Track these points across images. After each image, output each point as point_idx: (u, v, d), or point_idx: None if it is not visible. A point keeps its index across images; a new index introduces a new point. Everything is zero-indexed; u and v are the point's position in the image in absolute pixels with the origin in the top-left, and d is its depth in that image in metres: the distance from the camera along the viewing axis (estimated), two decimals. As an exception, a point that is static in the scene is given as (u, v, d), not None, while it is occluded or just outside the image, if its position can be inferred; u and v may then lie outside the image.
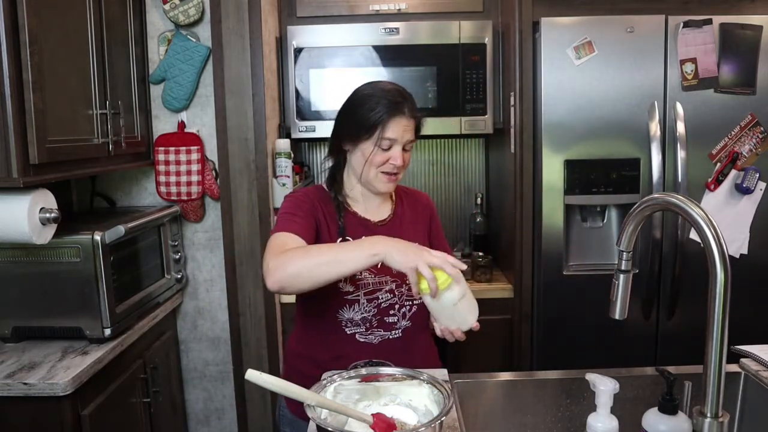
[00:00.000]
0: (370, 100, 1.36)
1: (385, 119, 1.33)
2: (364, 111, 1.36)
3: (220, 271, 2.31)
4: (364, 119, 1.35)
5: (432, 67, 2.31)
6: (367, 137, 1.35)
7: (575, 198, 2.13)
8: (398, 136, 1.35)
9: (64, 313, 1.71)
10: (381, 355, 1.38)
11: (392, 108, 1.34)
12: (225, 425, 2.43)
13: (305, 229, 1.33)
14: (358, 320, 1.37)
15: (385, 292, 1.38)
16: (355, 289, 1.36)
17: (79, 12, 1.72)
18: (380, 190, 1.41)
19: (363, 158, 1.36)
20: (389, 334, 1.39)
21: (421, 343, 1.46)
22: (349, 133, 1.39)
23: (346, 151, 1.43)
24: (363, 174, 1.38)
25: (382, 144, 1.34)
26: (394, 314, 1.39)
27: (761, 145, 2.11)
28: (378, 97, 1.36)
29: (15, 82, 1.42)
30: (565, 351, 2.19)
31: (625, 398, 1.19)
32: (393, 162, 1.36)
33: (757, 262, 2.14)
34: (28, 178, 1.47)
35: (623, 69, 2.07)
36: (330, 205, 1.43)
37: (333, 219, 1.41)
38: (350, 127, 1.39)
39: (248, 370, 0.88)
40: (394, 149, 1.36)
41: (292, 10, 2.39)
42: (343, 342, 1.38)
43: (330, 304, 1.37)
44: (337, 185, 1.45)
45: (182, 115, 2.23)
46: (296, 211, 1.37)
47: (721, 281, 0.87)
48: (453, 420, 1.11)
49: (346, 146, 1.41)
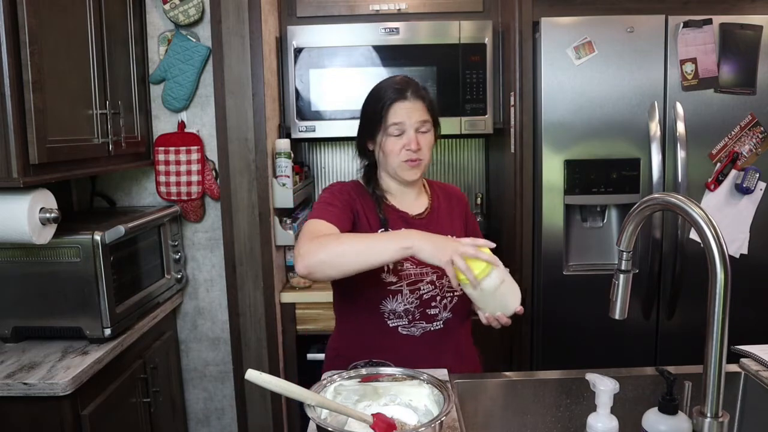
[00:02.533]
0: (375, 95, 1.41)
1: (387, 106, 1.36)
2: (372, 106, 1.40)
3: (220, 271, 2.31)
4: (373, 113, 1.39)
5: (432, 67, 2.31)
6: (379, 129, 1.38)
7: (575, 198, 2.13)
8: (404, 119, 1.36)
9: (64, 313, 1.71)
10: (423, 347, 1.39)
11: (394, 94, 1.37)
12: (225, 425, 2.43)
13: (340, 219, 1.34)
14: (401, 311, 1.38)
15: (426, 283, 1.39)
16: (398, 280, 1.37)
17: (79, 12, 1.72)
18: (407, 178, 1.41)
19: (380, 149, 1.40)
20: (431, 325, 1.40)
21: (462, 335, 1.47)
22: (366, 131, 1.43)
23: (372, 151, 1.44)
24: (389, 166, 1.41)
25: (390, 131, 1.37)
26: (436, 306, 1.40)
27: (761, 145, 2.11)
28: (383, 89, 1.40)
29: (15, 82, 1.42)
30: (565, 351, 2.19)
31: (625, 398, 1.19)
32: (408, 147, 1.36)
33: (757, 262, 2.14)
34: (28, 178, 1.47)
35: (623, 69, 2.07)
36: (368, 199, 1.44)
37: (372, 211, 1.42)
38: (364, 125, 1.43)
39: (248, 370, 0.88)
40: (406, 134, 1.37)
41: (292, 10, 2.39)
42: (386, 335, 1.39)
43: (373, 295, 1.38)
44: (374, 182, 1.46)
45: (182, 115, 2.23)
46: (333, 200, 1.38)
47: (721, 281, 0.87)
48: (453, 420, 1.11)
49: (369, 146, 1.44)
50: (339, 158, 2.80)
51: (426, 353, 1.38)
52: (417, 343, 1.39)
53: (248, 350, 2.20)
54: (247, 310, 2.18)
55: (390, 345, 1.38)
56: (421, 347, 1.39)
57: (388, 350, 1.38)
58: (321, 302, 2.26)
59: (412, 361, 1.28)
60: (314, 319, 2.28)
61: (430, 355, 1.38)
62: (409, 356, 1.35)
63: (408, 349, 1.38)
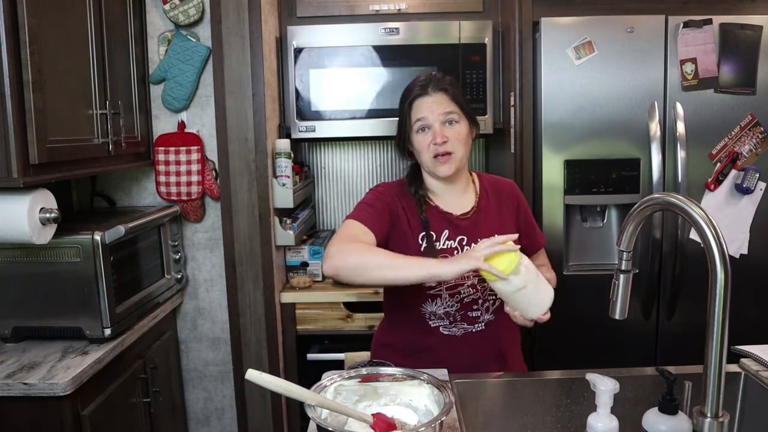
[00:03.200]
0: (402, 95, 1.43)
1: (409, 104, 1.39)
2: (400, 107, 1.43)
3: (220, 271, 2.31)
4: (401, 114, 1.42)
5: (432, 67, 2.31)
6: (408, 129, 1.40)
7: (575, 198, 2.13)
8: (426, 114, 1.37)
9: (64, 313, 1.71)
10: (464, 348, 1.41)
11: (415, 91, 1.39)
12: (225, 425, 2.43)
13: (377, 222, 1.36)
14: (441, 314, 1.40)
15: (467, 287, 1.40)
16: (437, 285, 1.38)
17: (79, 12, 1.72)
18: (440, 174, 1.39)
19: (415, 150, 1.41)
20: (472, 327, 1.41)
21: (506, 338, 1.47)
22: (401, 132, 1.44)
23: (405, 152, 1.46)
24: (424, 164, 1.42)
25: (416, 128, 1.38)
26: (477, 309, 1.41)
27: (761, 145, 2.11)
28: (407, 88, 1.42)
29: (15, 82, 1.42)
30: (565, 351, 2.19)
31: (625, 398, 1.19)
32: (434, 141, 1.36)
33: (757, 262, 2.14)
34: (28, 178, 1.47)
35: (623, 69, 2.07)
36: (411, 200, 1.43)
37: (414, 213, 1.42)
38: (399, 126, 1.45)
39: (248, 370, 0.88)
40: (431, 129, 1.37)
41: (292, 10, 2.39)
42: (427, 334, 1.41)
43: (413, 298, 1.40)
44: (417, 181, 1.46)
45: (182, 115, 2.23)
46: (374, 202, 1.40)
47: (721, 281, 0.87)
48: (453, 420, 1.11)
49: (408, 146, 1.44)
50: (339, 158, 2.80)
51: (467, 354, 1.40)
52: (458, 344, 1.41)
53: (248, 350, 2.20)
54: (247, 310, 2.18)
55: (432, 344, 1.41)
56: (462, 347, 1.41)
57: (430, 349, 1.40)
58: (321, 302, 2.26)
59: (453, 361, 1.34)
60: (314, 319, 2.28)
61: (471, 356, 1.40)
62: (451, 356, 1.38)
63: (449, 348, 1.40)
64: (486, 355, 1.43)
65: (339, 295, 2.26)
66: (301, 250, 2.39)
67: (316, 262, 2.38)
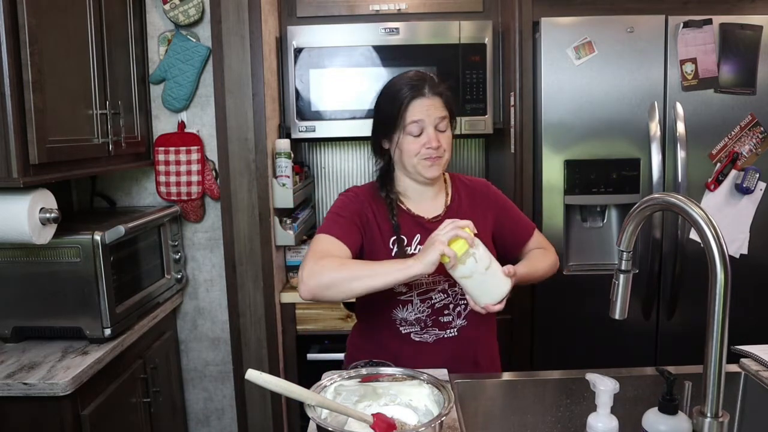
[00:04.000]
0: (391, 92, 1.35)
1: (405, 104, 1.32)
2: (388, 104, 1.35)
3: (220, 271, 2.31)
4: (390, 112, 1.34)
5: (432, 67, 2.31)
6: (396, 129, 1.34)
7: (575, 198, 2.13)
8: (423, 116, 1.32)
9: (64, 313, 1.71)
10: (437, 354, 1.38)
11: (411, 91, 1.32)
12: (225, 425, 2.43)
13: (348, 232, 1.33)
14: (412, 320, 1.38)
15: (438, 292, 1.38)
16: (408, 290, 1.36)
17: (79, 12, 1.72)
18: (427, 175, 1.36)
19: (400, 151, 1.35)
20: (444, 333, 1.39)
21: (479, 344, 1.44)
22: (382, 130, 1.38)
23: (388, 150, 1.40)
24: (407, 166, 1.36)
25: (409, 130, 1.33)
26: (449, 314, 1.39)
27: (761, 145, 2.11)
28: (399, 86, 1.35)
29: (15, 82, 1.42)
30: (565, 351, 2.19)
31: (625, 398, 1.19)
32: (428, 146, 1.33)
33: (757, 262, 2.14)
34: (28, 178, 1.47)
35: (623, 69, 2.07)
36: (382, 204, 1.40)
37: (385, 218, 1.38)
38: (381, 124, 1.38)
39: (248, 370, 0.88)
40: (426, 132, 1.33)
41: (292, 10, 2.39)
42: (399, 341, 1.38)
43: (384, 304, 1.38)
44: (389, 183, 1.42)
45: (182, 115, 2.23)
46: (342, 212, 1.36)
47: (721, 281, 0.87)
48: (453, 420, 1.11)
49: (385, 144, 1.40)
50: (339, 158, 2.80)
51: (439, 360, 1.36)
52: (430, 350, 1.38)
53: (248, 350, 2.20)
54: (247, 310, 2.18)
55: (404, 350, 1.38)
56: (434, 354, 1.38)
57: (402, 356, 1.36)
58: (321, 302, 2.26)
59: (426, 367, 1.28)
60: (314, 319, 2.28)
61: (443, 362, 1.36)
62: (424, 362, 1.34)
63: (422, 354, 1.37)
64: (460, 360, 1.39)
65: (339, 295, 2.26)
66: (301, 250, 2.39)
67: (316, 262, 2.38)
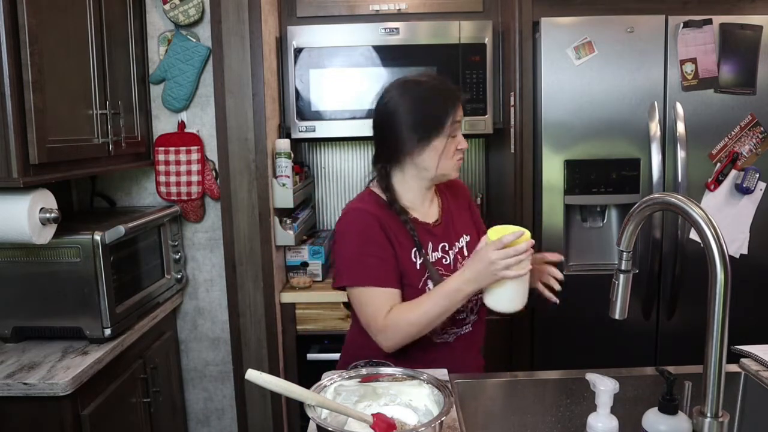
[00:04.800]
0: (435, 94, 1.34)
1: (455, 105, 1.34)
2: (436, 105, 1.33)
3: (220, 271, 2.31)
4: (433, 117, 1.32)
5: (432, 67, 2.31)
6: (439, 132, 1.32)
7: (575, 198, 2.13)
8: (460, 117, 1.37)
9: (64, 313, 1.71)
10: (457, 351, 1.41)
11: (455, 92, 1.36)
12: (225, 425, 2.43)
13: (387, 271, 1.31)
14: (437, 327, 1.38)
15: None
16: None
17: (79, 12, 1.72)
18: (454, 176, 1.41)
19: (437, 154, 1.33)
20: (461, 330, 1.42)
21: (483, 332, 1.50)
22: (417, 138, 1.33)
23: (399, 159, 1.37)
24: (439, 168, 1.35)
25: (452, 131, 1.34)
26: (463, 310, 1.39)
27: (761, 145, 2.11)
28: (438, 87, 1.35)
29: (15, 82, 1.42)
30: (565, 351, 2.19)
31: (625, 398, 1.19)
32: (461, 146, 1.37)
33: (757, 262, 2.14)
34: (28, 178, 1.47)
35: (623, 69, 2.07)
36: (390, 216, 1.36)
37: (398, 230, 1.35)
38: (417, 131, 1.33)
39: (248, 370, 0.88)
40: (459, 133, 1.37)
41: (292, 10, 2.39)
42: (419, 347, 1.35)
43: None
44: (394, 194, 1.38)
45: (182, 115, 2.23)
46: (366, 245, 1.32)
47: (721, 281, 0.87)
48: (453, 420, 1.11)
49: (410, 152, 1.34)
50: (339, 158, 2.80)
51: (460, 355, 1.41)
52: (450, 349, 1.40)
53: (248, 350, 2.20)
54: (247, 310, 2.18)
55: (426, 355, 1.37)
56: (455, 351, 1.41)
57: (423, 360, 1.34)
58: (321, 302, 2.26)
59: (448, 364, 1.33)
60: (314, 319, 2.28)
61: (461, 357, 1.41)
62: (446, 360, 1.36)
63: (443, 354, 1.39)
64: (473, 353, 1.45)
65: (339, 295, 2.26)
66: (301, 250, 2.39)
67: (316, 262, 2.38)
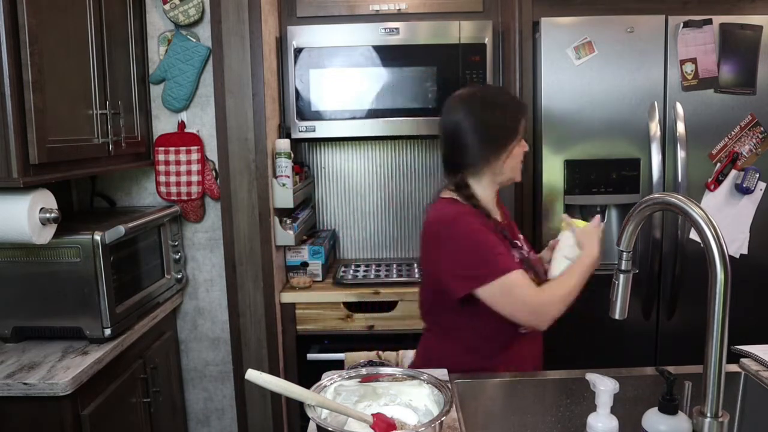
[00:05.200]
0: (510, 106, 1.44)
1: (523, 117, 1.43)
2: (506, 120, 1.41)
3: (220, 271, 2.31)
4: (510, 126, 1.41)
5: (432, 67, 2.31)
6: (513, 139, 1.41)
7: (575, 198, 2.13)
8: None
9: (64, 313, 1.71)
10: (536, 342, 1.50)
11: (522, 105, 1.47)
12: (225, 425, 2.43)
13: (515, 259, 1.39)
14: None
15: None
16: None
17: (79, 12, 1.72)
18: (518, 178, 1.48)
19: (511, 159, 1.42)
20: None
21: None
22: (497, 146, 1.41)
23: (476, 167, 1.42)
24: (510, 173, 1.45)
25: (522, 137, 1.44)
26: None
27: (761, 145, 2.11)
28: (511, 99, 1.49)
29: (15, 82, 1.42)
30: (565, 351, 2.19)
31: (625, 398, 1.19)
32: (526, 149, 1.46)
33: (757, 262, 2.14)
34: (28, 178, 1.47)
35: (623, 69, 2.07)
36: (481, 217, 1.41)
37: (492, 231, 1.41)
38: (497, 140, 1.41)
39: (248, 370, 0.88)
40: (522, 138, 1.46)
41: (292, 10, 2.39)
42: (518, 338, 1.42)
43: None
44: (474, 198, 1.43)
45: (182, 115, 2.23)
46: (492, 243, 1.36)
47: (721, 281, 0.87)
48: (453, 420, 1.11)
49: (488, 159, 1.41)
50: (339, 158, 2.80)
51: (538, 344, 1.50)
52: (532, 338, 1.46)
53: (248, 350, 2.20)
54: (247, 310, 2.18)
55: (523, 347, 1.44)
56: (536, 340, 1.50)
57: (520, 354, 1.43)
58: (321, 302, 2.26)
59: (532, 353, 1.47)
60: (314, 319, 2.28)
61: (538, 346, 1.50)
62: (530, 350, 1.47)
63: (528, 345, 1.46)
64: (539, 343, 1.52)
65: (339, 295, 2.26)
66: (301, 250, 2.39)
67: (315, 262, 2.38)
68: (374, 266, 2.57)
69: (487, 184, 1.45)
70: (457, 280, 1.34)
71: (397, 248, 2.83)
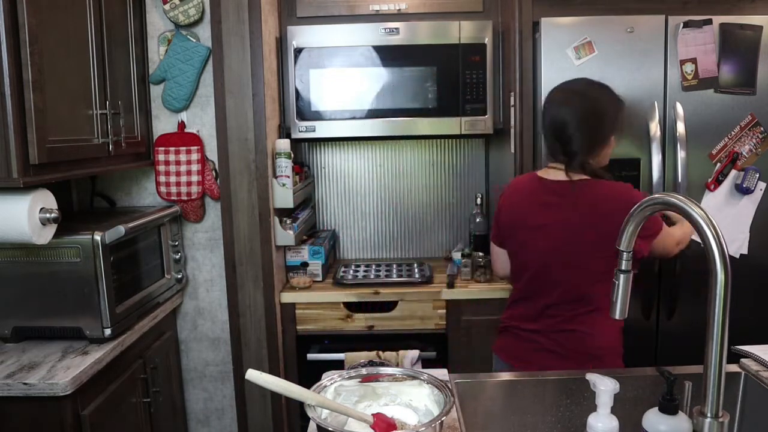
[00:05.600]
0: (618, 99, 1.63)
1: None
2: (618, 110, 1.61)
3: (220, 271, 2.31)
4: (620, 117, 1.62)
5: (432, 67, 2.31)
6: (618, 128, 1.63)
7: (575, 198, 2.12)
8: None
9: (64, 313, 1.71)
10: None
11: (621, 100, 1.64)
12: (225, 425, 2.44)
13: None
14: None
15: None
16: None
17: (79, 12, 1.72)
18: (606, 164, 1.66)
19: (610, 147, 1.62)
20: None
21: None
22: (612, 134, 1.61)
23: (596, 151, 1.58)
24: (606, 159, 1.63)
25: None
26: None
27: (761, 145, 2.11)
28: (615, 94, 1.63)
29: (15, 82, 1.42)
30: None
31: (625, 398, 1.19)
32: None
33: (757, 262, 2.14)
34: (28, 178, 1.47)
35: (623, 69, 2.07)
36: None
37: None
38: (614, 129, 1.61)
39: (248, 370, 0.88)
40: None
41: (292, 10, 2.39)
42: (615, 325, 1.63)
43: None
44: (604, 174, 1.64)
45: (182, 115, 2.23)
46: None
47: (721, 281, 0.87)
48: (453, 420, 1.11)
49: (603, 145, 1.60)
50: (339, 158, 2.80)
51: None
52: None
53: (248, 350, 2.20)
54: (247, 310, 2.18)
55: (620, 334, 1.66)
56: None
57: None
58: (321, 302, 2.26)
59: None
60: (314, 319, 2.28)
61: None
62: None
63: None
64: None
65: (339, 295, 2.26)
66: (301, 250, 2.39)
67: (316, 261, 2.38)
68: (374, 266, 2.57)
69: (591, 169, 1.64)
70: (642, 240, 1.55)
71: (397, 248, 2.83)
